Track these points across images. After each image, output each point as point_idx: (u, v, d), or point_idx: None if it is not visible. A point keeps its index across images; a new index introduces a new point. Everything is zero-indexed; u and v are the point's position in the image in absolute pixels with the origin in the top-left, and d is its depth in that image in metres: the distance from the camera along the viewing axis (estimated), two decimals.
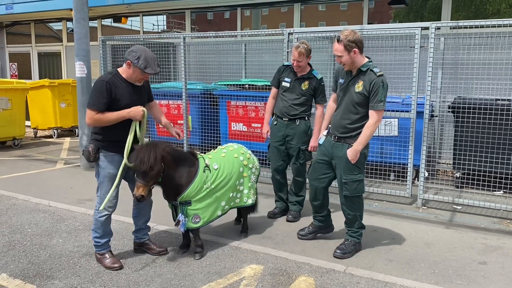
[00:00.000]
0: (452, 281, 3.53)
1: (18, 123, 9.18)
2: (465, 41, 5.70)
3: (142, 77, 3.56)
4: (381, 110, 3.62)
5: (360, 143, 3.65)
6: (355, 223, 3.94)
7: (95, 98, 3.47)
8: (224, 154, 4.11)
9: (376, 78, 3.62)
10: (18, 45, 13.05)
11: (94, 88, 3.52)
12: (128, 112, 3.50)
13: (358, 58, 3.68)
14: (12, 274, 3.59)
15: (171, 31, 11.05)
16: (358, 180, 3.79)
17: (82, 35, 7.16)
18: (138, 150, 3.47)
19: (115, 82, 3.51)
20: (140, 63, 3.42)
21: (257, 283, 3.45)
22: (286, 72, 4.79)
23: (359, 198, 3.89)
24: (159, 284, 3.43)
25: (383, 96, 3.59)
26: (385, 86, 3.62)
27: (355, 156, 3.68)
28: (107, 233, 3.78)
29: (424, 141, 5.38)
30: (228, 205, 4.05)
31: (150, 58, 3.47)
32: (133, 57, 3.44)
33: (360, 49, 3.68)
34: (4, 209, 5.22)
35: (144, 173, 3.41)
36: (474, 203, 5.16)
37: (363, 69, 3.70)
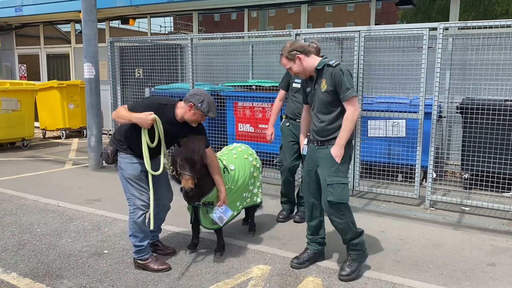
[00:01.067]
0: (461, 282, 3.51)
1: (27, 124, 9.26)
2: (474, 41, 5.67)
3: (201, 119, 3.61)
4: (354, 98, 3.33)
5: (342, 137, 3.37)
6: (348, 232, 3.53)
7: (140, 101, 3.66)
8: (235, 155, 4.17)
9: (334, 69, 3.37)
10: (27, 47, 13.18)
11: (149, 98, 3.72)
12: (136, 117, 3.47)
13: (307, 62, 3.48)
14: (22, 273, 3.62)
15: (178, 33, 11.10)
16: (343, 184, 3.43)
17: (90, 36, 7.22)
18: (185, 142, 3.48)
19: (164, 109, 3.55)
20: (204, 107, 3.50)
21: (265, 284, 3.45)
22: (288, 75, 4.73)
23: (345, 205, 3.48)
24: (167, 284, 3.45)
25: (348, 83, 3.32)
26: (346, 72, 3.35)
27: (340, 152, 3.39)
28: (147, 234, 3.71)
29: (432, 142, 5.36)
30: (242, 205, 4.15)
31: (212, 102, 3.57)
32: (196, 100, 3.50)
33: (305, 53, 3.48)
34: (14, 209, 5.27)
35: (193, 164, 3.41)
36: (483, 205, 5.13)
37: (319, 67, 3.48)
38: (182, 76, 8.22)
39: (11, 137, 9.11)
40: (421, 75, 5.32)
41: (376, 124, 6.05)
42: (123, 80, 8.14)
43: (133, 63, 8.02)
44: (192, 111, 3.52)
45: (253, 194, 4.29)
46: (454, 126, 6.51)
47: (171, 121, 3.58)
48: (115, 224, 4.80)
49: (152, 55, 7.61)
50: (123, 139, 3.64)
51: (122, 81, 8.12)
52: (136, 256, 3.71)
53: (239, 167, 4.06)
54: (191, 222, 3.99)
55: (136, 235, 3.66)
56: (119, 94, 8.06)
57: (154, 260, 3.73)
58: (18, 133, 9.16)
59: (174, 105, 3.59)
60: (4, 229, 4.60)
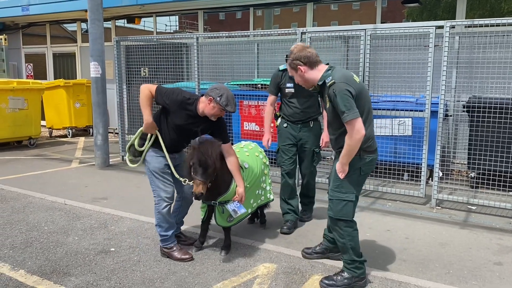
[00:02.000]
0: (467, 281, 3.50)
1: (34, 123, 9.32)
2: (480, 39, 5.64)
3: (220, 114, 3.68)
4: (351, 121, 2.98)
5: (343, 156, 3.12)
6: (346, 253, 3.32)
7: (168, 92, 3.69)
8: (247, 153, 4.21)
9: (328, 90, 3.09)
10: (34, 46, 13.25)
11: (177, 91, 3.73)
12: (146, 120, 3.71)
13: (310, 75, 3.22)
14: (30, 271, 3.65)
15: (183, 32, 11.12)
16: (345, 201, 3.20)
17: (97, 35, 7.25)
18: (198, 147, 3.50)
19: (186, 104, 3.67)
20: (222, 101, 3.57)
21: (271, 282, 3.46)
22: (286, 77, 4.43)
23: (346, 224, 3.26)
24: (174, 281, 3.46)
25: (342, 106, 2.98)
26: (340, 94, 3.00)
27: (343, 169, 3.16)
28: (172, 224, 3.88)
29: (438, 140, 5.34)
30: (256, 203, 4.19)
31: (231, 97, 3.63)
32: (216, 94, 3.59)
33: (309, 64, 3.21)
34: (21, 207, 5.31)
35: (205, 169, 3.42)
36: (489, 204, 5.11)
37: (320, 83, 3.21)
38: (188, 75, 8.23)
39: (18, 136, 9.17)
40: (427, 73, 5.30)
41: (382, 123, 6.04)
42: (129, 79, 8.17)
43: (139, 62, 8.04)
44: (211, 105, 3.62)
45: (265, 192, 4.35)
46: (461, 124, 6.48)
47: (193, 115, 3.69)
48: (121, 222, 4.82)
49: (158, 54, 7.63)
50: (149, 134, 3.79)
51: (128, 80, 8.15)
52: (162, 244, 3.89)
53: (252, 165, 4.10)
54: (203, 221, 4.02)
55: (161, 225, 3.82)
56: (125, 93, 8.09)
57: (178, 249, 3.88)
58: (25, 131, 9.22)
59: (197, 99, 3.71)
60: (12, 227, 4.64)
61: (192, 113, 3.68)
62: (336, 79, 3.05)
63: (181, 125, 3.69)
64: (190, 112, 3.68)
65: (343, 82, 3.04)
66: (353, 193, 3.22)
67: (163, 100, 3.67)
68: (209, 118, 3.70)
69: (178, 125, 3.69)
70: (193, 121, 3.70)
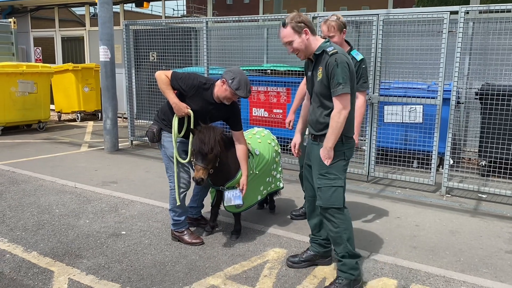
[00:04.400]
0: (478, 269, 3.49)
1: (43, 107, 9.36)
2: (495, 26, 5.54)
3: (231, 97, 3.62)
4: (344, 95, 2.87)
5: (328, 138, 2.94)
6: (340, 244, 3.09)
7: (183, 77, 3.63)
8: (259, 139, 4.20)
9: (329, 58, 2.90)
10: (42, 30, 13.22)
11: (192, 76, 3.66)
12: (174, 102, 3.59)
13: (311, 41, 3.02)
14: (42, 252, 3.69)
15: (191, 16, 11.03)
16: (334, 187, 3.02)
17: (106, 19, 7.21)
18: (198, 132, 3.51)
19: (203, 89, 3.63)
20: (234, 84, 3.52)
21: (281, 266, 3.47)
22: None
23: (338, 211, 3.06)
24: (185, 265, 3.49)
25: (340, 77, 2.84)
26: (341, 64, 2.86)
27: (328, 155, 2.97)
28: (185, 210, 3.92)
29: (450, 128, 5.29)
30: (266, 190, 4.19)
31: (244, 81, 3.55)
32: (229, 76, 3.54)
33: (312, 30, 3.02)
34: (33, 190, 5.36)
35: (204, 155, 3.44)
36: (501, 192, 5.07)
37: (317, 52, 3.02)
38: (197, 59, 8.19)
39: (27, 119, 9.22)
40: (440, 60, 5.22)
41: (393, 110, 5.99)
42: (137, 63, 8.15)
43: (147, 47, 8.00)
44: (224, 87, 3.58)
45: (276, 179, 4.34)
46: (472, 112, 6.40)
47: (209, 100, 3.66)
48: (132, 205, 4.85)
49: (167, 38, 7.58)
50: (167, 119, 3.74)
51: (136, 64, 8.13)
52: (173, 228, 3.93)
53: (263, 152, 4.09)
54: (212, 205, 4.05)
55: (175, 210, 3.84)
56: (134, 77, 8.08)
57: (189, 233, 3.91)
58: (35, 115, 9.27)
59: (213, 84, 3.67)
60: (24, 209, 4.69)
61: (208, 98, 3.65)
62: (338, 50, 2.95)
63: (197, 110, 3.64)
64: (206, 97, 3.65)
65: (344, 55, 2.95)
66: (341, 179, 3.05)
67: (179, 85, 3.62)
68: (224, 103, 3.66)
69: (193, 111, 3.64)
70: (209, 107, 3.67)
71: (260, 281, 3.24)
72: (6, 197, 5.06)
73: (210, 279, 3.27)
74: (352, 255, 3.10)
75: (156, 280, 3.26)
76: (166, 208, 4.60)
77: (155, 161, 6.96)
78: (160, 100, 7.83)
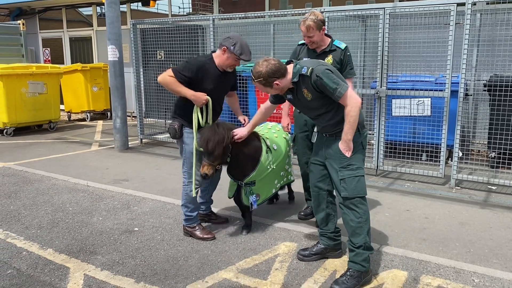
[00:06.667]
0: (488, 260, 3.51)
1: (53, 107, 9.48)
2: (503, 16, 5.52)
3: (234, 64, 3.68)
4: (345, 94, 2.97)
5: (347, 132, 3.04)
6: (360, 235, 3.12)
7: (183, 67, 3.65)
8: (275, 134, 4.27)
9: (310, 78, 3.05)
10: (50, 31, 13.35)
11: (190, 61, 3.71)
12: (192, 94, 3.62)
13: (284, 82, 3.18)
14: (58, 249, 3.77)
15: (197, 14, 11.07)
16: (357, 176, 3.11)
17: (113, 19, 7.28)
18: (204, 131, 3.60)
19: (206, 67, 3.67)
20: (236, 50, 3.56)
21: (292, 260, 3.52)
22: (304, 52, 4.13)
23: (362, 200, 3.14)
24: (197, 259, 3.55)
25: (332, 83, 2.98)
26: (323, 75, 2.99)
27: (348, 147, 3.08)
28: (197, 206, 3.99)
29: (458, 120, 5.28)
30: (279, 183, 4.26)
31: (245, 45, 3.61)
32: (230, 43, 3.58)
33: (282, 75, 3.15)
34: (46, 189, 5.45)
35: (208, 152, 3.53)
36: (510, 183, 5.07)
37: (295, 80, 3.16)
38: None
39: (38, 120, 9.34)
40: (447, 52, 5.22)
41: (401, 103, 5.99)
42: (145, 62, 8.21)
43: (154, 45, 8.06)
44: (225, 55, 3.62)
45: (287, 173, 4.41)
46: (481, 104, 6.38)
47: (217, 73, 3.71)
48: (143, 202, 4.92)
49: (174, 36, 7.63)
50: (187, 114, 3.74)
51: (144, 63, 8.19)
52: (185, 223, 3.99)
53: (280, 147, 4.17)
54: (230, 197, 4.09)
55: (187, 205, 3.91)
56: (142, 76, 8.15)
57: (201, 228, 3.97)
58: (45, 115, 9.39)
59: (211, 58, 3.70)
60: (38, 208, 4.78)
61: (215, 72, 3.69)
62: (311, 66, 3.05)
63: (212, 89, 3.68)
64: (213, 71, 3.68)
65: (319, 65, 3.06)
66: (362, 168, 3.16)
67: (184, 76, 3.62)
68: (227, 71, 3.72)
69: (210, 90, 3.67)
70: (220, 79, 3.72)
71: (272, 274, 3.29)
72: (20, 196, 5.16)
73: (223, 272, 3.33)
74: (368, 247, 3.15)
75: (169, 274, 3.32)
76: (177, 205, 4.67)
77: (165, 159, 7.03)
78: (168, 98, 7.90)
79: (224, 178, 4.15)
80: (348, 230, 3.19)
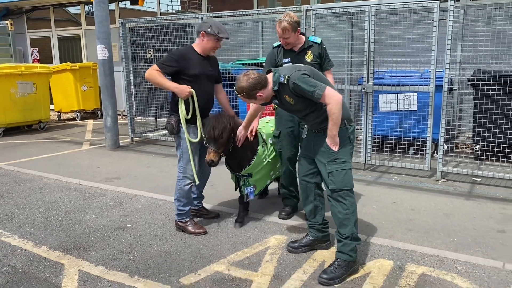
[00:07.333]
0: (471, 248, 3.64)
1: (43, 107, 9.47)
2: (485, 12, 5.66)
3: (215, 45, 3.80)
4: (324, 93, 3.08)
5: (332, 129, 3.15)
6: (347, 226, 3.23)
7: (166, 59, 3.79)
8: (272, 127, 4.43)
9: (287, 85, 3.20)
10: (39, 30, 13.28)
11: (172, 52, 3.88)
12: (175, 86, 3.75)
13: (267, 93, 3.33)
14: (52, 247, 3.83)
15: (185, 12, 11.10)
16: (344, 169, 3.21)
17: (102, 18, 7.30)
18: (210, 118, 3.76)
19: (188, 55, 3.80)
20: (214, 30, 3.71)
21: (282, 252, 3.62)
22: (281, 53, 4.17)
23: (349, 193, 3.25)
24: (190, 253, 3.63)
25: (309, 87, 3.11)
26: (300, 81, 3.13)
27: (334, 141, 3.19)
28: (190, 201, 4.08)
29: (443, 114, 5.42)
30: (274, 175, 4.43)
31: (220, 25, 3.78)
32: (206, 27, 3.73)
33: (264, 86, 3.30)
34: (38, 188, 5.49)
35: (215, 139, 3.68)
36: (494, 175, 5.22)
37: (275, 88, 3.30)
38: None
39: (28, 120, 9.33)
40: (432, 48, 5.34)
41: (388, 98, 6.11)
42: (134, 61, 8.25)
43: (144, 44, 8.10)
44: (205, 39, 3.77)
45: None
46: (465, 98, 6.54)
47: (200, 58, 3.83)
48: (136, 200, 4.99)
49: (163, 35, 7.68)
50: (177, 108, 3.85)
51: (133, 62, 8.23)
52: (177, 218, 4.07)
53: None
54: (236, 189, 4.26)
55: (180, 199, 4.00)
56: (132, 75, 8.18)
57: (193, 223, 4.05)
58: (35, 115, 9.38)
59: (191, 47, 3.85)
60: (31, 207, 4.82)
61: (197, 57, 3.81)
62: (287, 73, 3.18)
63: (198, 73, 3.79)
64: (196, 57, 3.81)
65: (295, 71, 3.18)
66: (350, 162, 3.27)
67: (168, 67, 3.74)
68: (209, 56, 3.85)
69: (197, 74, 3.78)
70: (204, 63, 3.84)
71: (262, 266, 3.39)
72: (13, 196, 5.20)
73: (215, 265, 3.42)
74: (355, 237, 3.26)
75: (162, 268, 3.40)
76: (169, 201, 4.75)
77: (156, 157, 7.09)
78: (159, 96, 7.96)
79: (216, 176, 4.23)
80: (336, 222, 3.29)
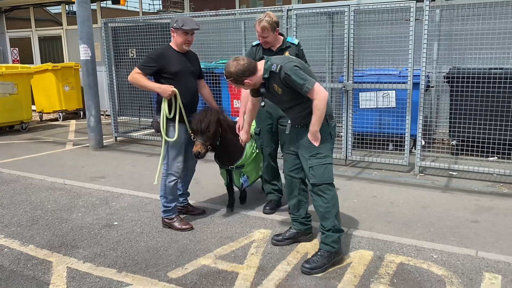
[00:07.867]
0: (446, 238, 3.82)
1: (25, 107, 9.40)
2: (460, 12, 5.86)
3: (186, 38, 3.89)
4: (312, 88, 3.18)
5: (314, 124, 3.24)
6: (328, 219, 3.33)
7: (145, 60, 3.90)
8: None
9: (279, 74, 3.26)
10: (18, 30, 13.12)
11: (150, 53, 3.98)
12: (158, 87, 3.84)
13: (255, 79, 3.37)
14: (39, 245, 3.87)
15: (167, 11, 11.11)
16: (325, 164, 3.32)
17: (84, 18, 7.30)
18: (195, 115, 3.91)
19: (166, 53, 3.90)
20: (179, 24, 3.81)
21: (266, 245, 3.74)
22: (260, 52, 4.21)
23: (330, 186, 3.35)
24: (176, 249, 3.72)
25: (299, 79, 3.18)
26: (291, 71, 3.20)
27: (315, 137, 3.28)
28: (175, 198, 4.15)
29: (420, 111, 5.60)
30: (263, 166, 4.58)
31: (187, 18, 3.89)
32: (172, 22, 3.86)
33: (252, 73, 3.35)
34: (23, 188, 5.49)
35: (201, 132, 3.81)
36: (469, 169, 5.43)
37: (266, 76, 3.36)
38: None
39: (9, 121, 9.25)
40: (409, 46, 5.52)
41: (367, 96, 6.28)
42: (117, 60, 8.25)
43: (126, 44, 8.11)
44: (175, 35, 3.89)
45: None
46: (442, 95, 6.75)
47: (178, 55, 3.93)
48: (121, 198, 5.04)
49: (145, 35, 7.71)
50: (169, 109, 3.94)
51: (116, 61, 8.23)
52: (163, 215, 4.15)
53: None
54: (226, 185, 4.44)
55: (166, 196, 4.08)
56: (114, 74, 8.19)
57: (179, 220, 4.14)
58: (17, 116, 9.30)
59: (168, 46, 3.96)
60: (16, 207, 4.83)
61: (175, 53, 3.91)
62: (280, 63, 3.25)
63: (180, 70, 3.88)
64: (174, 54, 3.91)
65: (288, 61, 3.27)
66: (330, 157, 3.38)
67: (149, 68, 3.84)
68: (188, 53, 3.97)
69: (177, 71, 3.86)
70: (183, 59, 3.94)
71: (248, 259, 3.50)
72: None
73: (201, 259, 3.52)
74: (337, 229, 3.38)
75: (150, 263, 3.48)
76: (155, 199, 4.82)
77: (140, 156, 7.13)
78: (141, 96, 7.99)
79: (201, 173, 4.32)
80: (318, 215, 3.42)
